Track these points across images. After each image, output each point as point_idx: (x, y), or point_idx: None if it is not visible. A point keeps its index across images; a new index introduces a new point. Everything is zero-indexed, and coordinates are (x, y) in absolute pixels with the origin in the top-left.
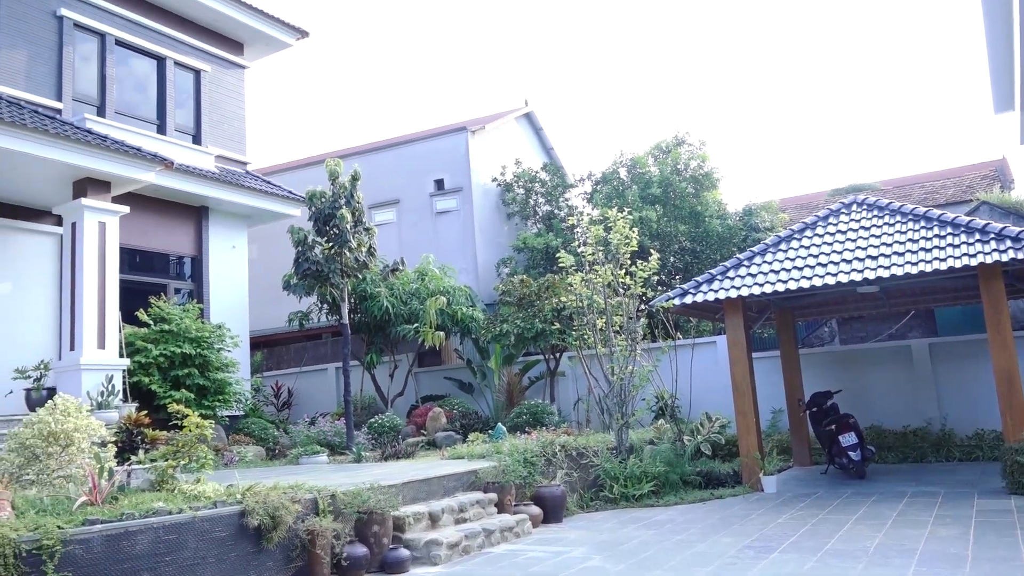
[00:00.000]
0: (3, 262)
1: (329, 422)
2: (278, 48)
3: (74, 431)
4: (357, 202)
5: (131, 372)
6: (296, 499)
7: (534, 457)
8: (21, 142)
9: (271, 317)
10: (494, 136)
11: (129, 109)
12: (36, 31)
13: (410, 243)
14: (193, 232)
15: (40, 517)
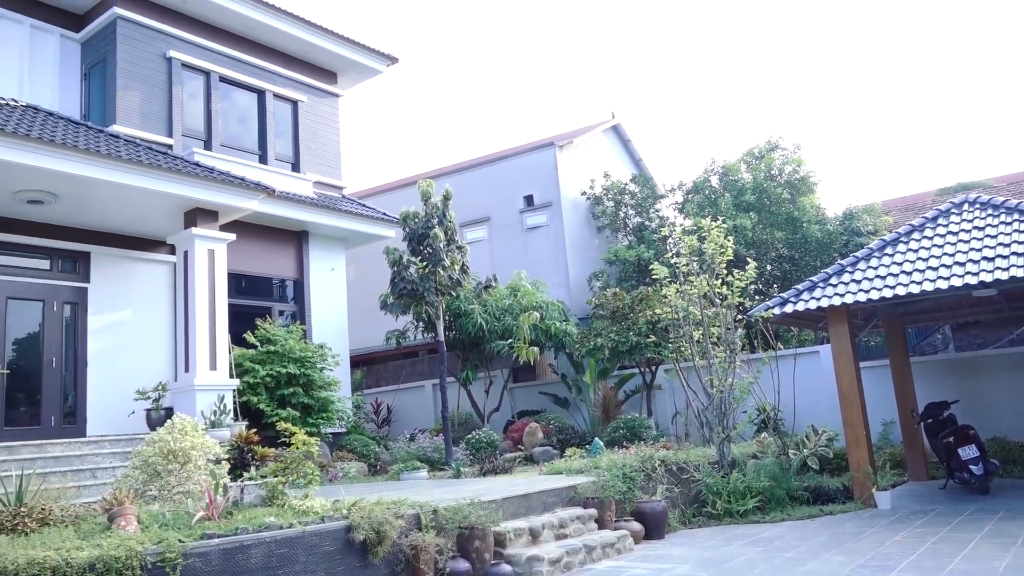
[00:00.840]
0: (124, 290)
1: (428, 438)
2: (369, 75)
3: (191, 449)
4: (449, 221)
5: (240, 392)
6: (399, 514)
7: (633, 472)
8: (139, 177)
9: (369, 336)
10: (582, 150)
11: (233, 141)
12: (149, 74)
13: (501, 260)
14: (294, 256)
15: (163, 531)
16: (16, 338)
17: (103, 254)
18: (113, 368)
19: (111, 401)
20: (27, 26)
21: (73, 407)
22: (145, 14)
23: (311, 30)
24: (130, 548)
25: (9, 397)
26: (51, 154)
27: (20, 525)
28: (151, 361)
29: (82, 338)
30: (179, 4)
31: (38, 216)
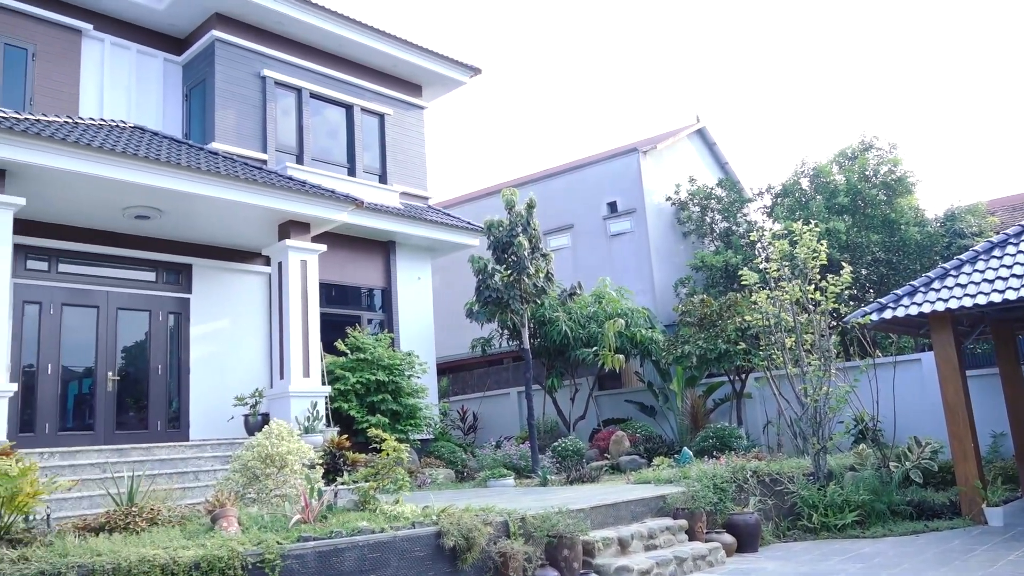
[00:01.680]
0: (223, 300)
1: (514, 445)
2: (453, 87)
3: (287, 454)
4: (533, 229)
5: (332, 398)
6: (488, 521)
7: (724, 483)
8: (236, 192)
9: (455, 344)
10: (666, 155)
11: (323, 155)
12: (245, 92)
13: (585, 267)
14: (382, 265)
15: (262, 533)
16: (125, 346)
17: (204, 266)
18: (213, 375)
19: (211, 406)
20: (134, 51)
21: (177, 412)
22: (241, 36)
23: (397, 45)
24: (232, 549)
25: (119, 402)
26: (156, 172)
27: (132, 524)
28: (248, 368)
29: (185, 346)
30: (272, 25)
31: (145, 231)
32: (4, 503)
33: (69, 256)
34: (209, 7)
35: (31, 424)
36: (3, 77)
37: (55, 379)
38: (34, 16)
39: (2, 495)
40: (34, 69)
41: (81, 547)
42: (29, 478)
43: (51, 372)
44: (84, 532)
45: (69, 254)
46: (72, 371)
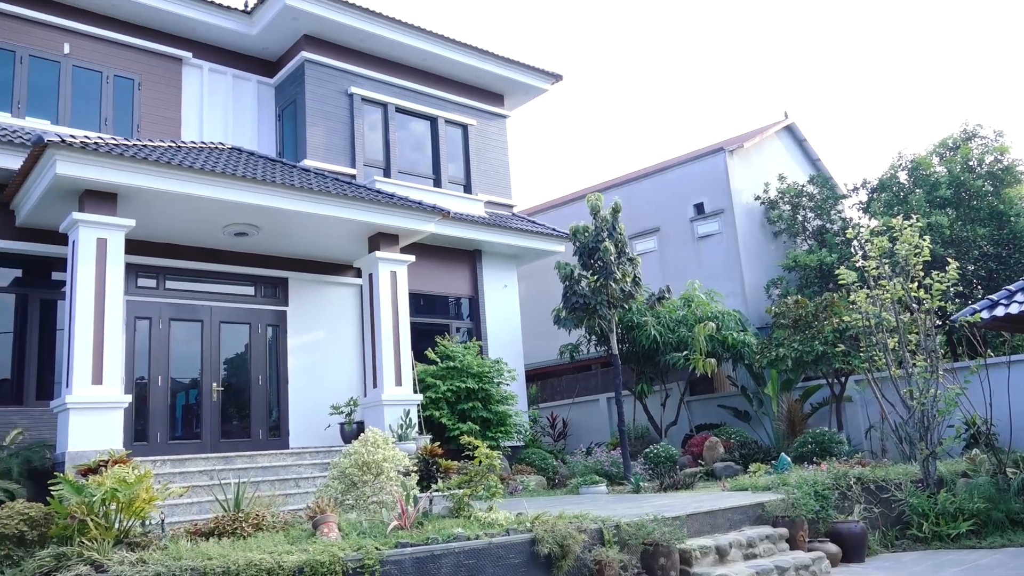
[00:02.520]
0: (317, 312)
1: (605, 452)
2: (535, 94)
3: (383, 461)
4: (619, 234)
5: (423, 406)
6: (582, 528)
7: (826, 490)
8: (328, 207)
9: (542, 350)
10: (753, 153)
11: (409, 167)
12: (333, 110)
13: (673, 270)
14: (469, 274)
15: (361, 539)
16: (227, 358)
17: (299, 279)
18: (309, 384)
19: (308, 415)
20: (230, 76)
21: (277, 421)
22: (329, 55)
23: (479, 56)
24: (333, 554)
25: (224, 412)
26: (254, 190)
27: (239, 529)
28: (342, 377)
29: (283, 357)
30: (358, 43)
31: (243, 247)
32: (123, 508)
33: (175, 273)
34: (298, 29)
35: (144, 433)
36: (113, 107)
37: (165, 390)
38: (139, 48)
39: (121, 501)
40: (140, 98)
41: (193, 551)
42: (145, 485)
43: (161, 384)
44: (195, 536)
45: (175, 271)
46: (180, 383)
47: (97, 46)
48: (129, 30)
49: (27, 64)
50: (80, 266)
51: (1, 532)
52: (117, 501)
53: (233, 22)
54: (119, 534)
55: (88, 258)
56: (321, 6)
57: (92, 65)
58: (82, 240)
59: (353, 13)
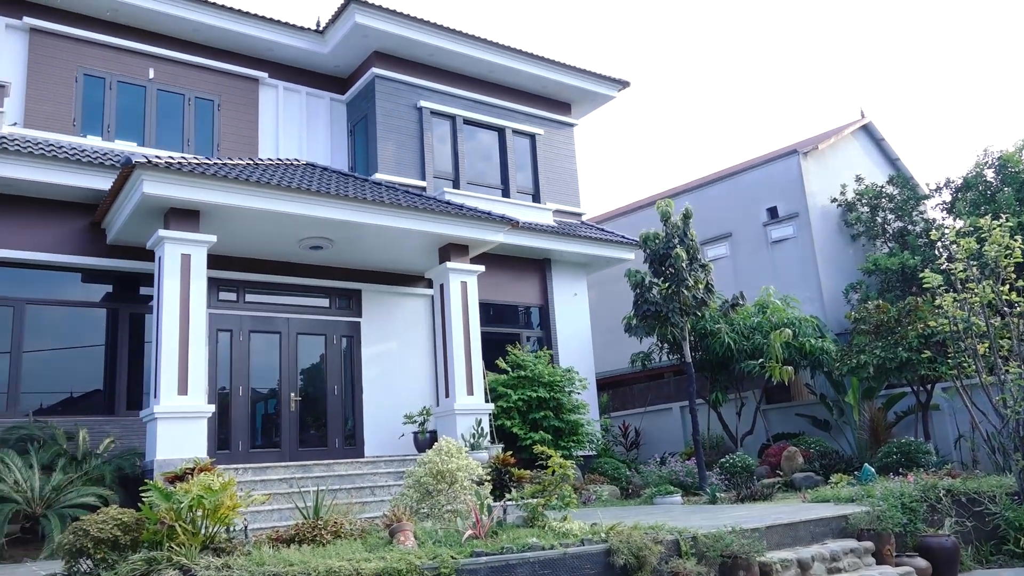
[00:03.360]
0: (390, 323)
1: (679, 462)
2: (602, 102)
3: (457, 470)
4: (691, 240)
5: (495, 416)
6: (658, 540)
7: (914, 502)
8: (400, 219)
9: (613, 359)
10: (829, 154)
11: (477, 178)
12: (403, 124)
13: (746, 276)
14: (538, 283)
15: (436, 547)
16: (304, 369)
17: (372, 291)
18: (383, 394)
19: (382, 424)
20: (303, 94)
21: (352, 430)
22: (398, 71)
23: (546, 66)
24: (410, 562)
25: (301, 421)
26: (328, 205)
27: (318, 536)
28: (414, 387)
29: (357, 367)
30: (426, 57)
31: (318, 260)
32: (208, 515)
33: (254, 287)
34: (369, 45)
35: (226, 442)
36: (195, 127)
37: (246, 400)
38: (218, 70)
39: (207, 508)
40: (219, 118)
41: (275, 557)
42: (229, 492)
43: (242, 394)
44: (277, 543)
45: (254, 285)
46: (259, 393)
47: (179, 70)
48: (209, 53)
49: (116, 90)
50: (166, 281)
51: (97, 536)
52: (203, 508)
53: (306, 42)
54: (205, 539)
55: (173, 273)
56: (390, 22)
57: (175, 88)
58: (167, 256)
59: (421, 28)
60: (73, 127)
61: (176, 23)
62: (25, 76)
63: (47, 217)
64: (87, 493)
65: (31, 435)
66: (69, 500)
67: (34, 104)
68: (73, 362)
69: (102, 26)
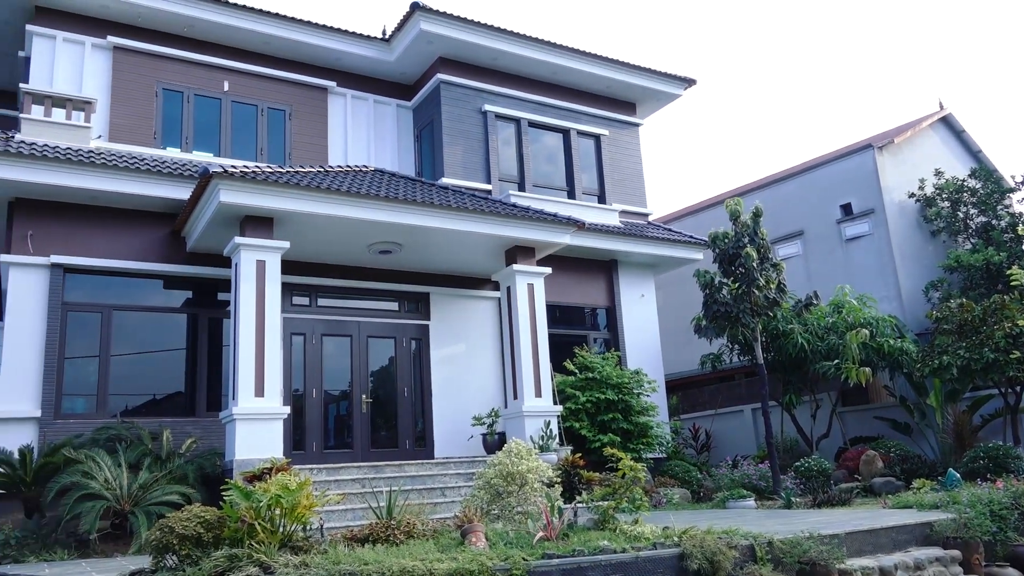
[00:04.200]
0: (458, 325)
1: (752, 465)
2: (668, 101)
3: (527, 472)
4: (761, 239)
5: (563, 417)
6: (732, 544)
7: (1003, 509)
8: (467, 223)
9: (681, 360)
10: (905, 148)
11: (542, 180)
12: (468, 128)
13: (819, 274)
14: (605, 285)
15: (507, 549)
16: (374, 371)
17: (440, 294)
18: (451, 396)
19: (451, 426)
20: (371, 101)
21: (422, 431)
22: (463, 75)
23: (610, 66)
24: (481, 563)
25: (372, 422)
26: (396, 210)
27: (392, 536)
28: (482, 389)
29: (426, 369)
30: (491, 62)
31: (387, 264)
32: (286, 514)
33: (325, 291)
34: (434, 52)
35: (301, 443)
36: (267, 137)
37: (319, 402)
38: (290, 80)
39: (284, 507)
40: (291, 127)
41: (350, 556)
42: (305, 492)
43: (315, 396)
44: (352, 542)
45: (325, 289)
46: (331, 395)
47: (252, 82)
48: (280, 65)
49: (193, 103)
50: (242, 286)
51: (182, 533)
52: (281, 507)
53: (373, 50)
54: (283, 538)
55: (249, 279)
56: (454, 28)
57: (248, 100)
58: (243, 262)
59: (485, 33)
60: (154, 140)
61: (248, 36)
62: (109, 92)
63: (131, 227)
64: (171, 491)
65: (119, 435)
66: (155, 498)
67: (118, 119)
68: (156, 365)
69: (180, 42)
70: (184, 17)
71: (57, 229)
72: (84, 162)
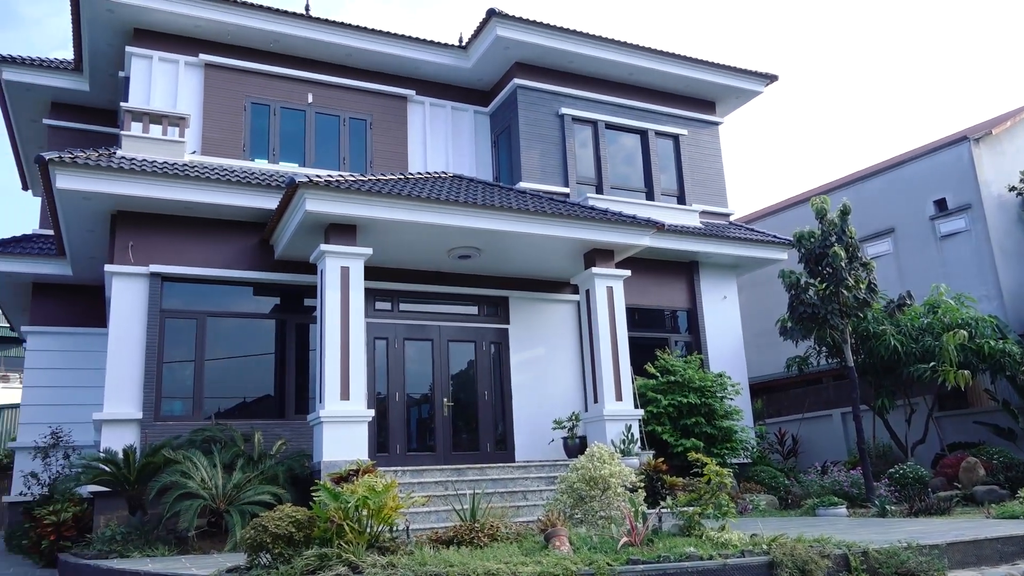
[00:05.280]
0: (536, 329)
1: (842, 471)
2: (748, 97)
3: (610, 476)
4: (850, 237)
5: (644, 421)
6: (824, 553)
7: None
8: (545, 226)
9: (765, 363)
10: (1005, 140)
11: (620, 182)
12: (545, 132)
13: (911, 274)
14: (686, 286)
15: (592, 553)
16: (454, 375)
17: (518, 298)
18: (531, 399)
19: (531, 429)
20: (448, 108)
21: (503, 434)
22: (539, 79)
23: (688, 65)
24: (566, 567)
25: (454, 425)
26: (476, 215)
27: (476, 539)
28: (562, 392)
29: (506, 373)
30: (566, 64)
31: (466, 269)
32: (373, 515)
33: (406, 296)
34: (510, 57)
35: (385, 445)
36: (349, 146)
37: (401, 405)
38: (370, 91)
39: (371, 508)
40: (371, 136)
41: (436, 557)
42: (391, 494)
43: (398, 399)
44: (436, 544)
45: (406, 294)
46: (413, 398)
47: (334, 93)
48: (361, 75)
49: (279, 115)
50: (328, 292)
51: (275, 532)
52: (368, 508)
53: (450, 58)
54: (370, 538)
55: (334, 285)
56: (530, 33)
57: (330, 110)
58: (328, 269)
59: (561, 36)
60: (243, 152)
61: (331, 49)
62: (201, 108)
63: (222, 236)
64: (263, 491)
65: (213, 437)
66: (248, 497)
67: (209, 132)
68: (246, 369)
69: (266, 57)
70: (271, 33)
71: (155, 240)
72: (179, 175)
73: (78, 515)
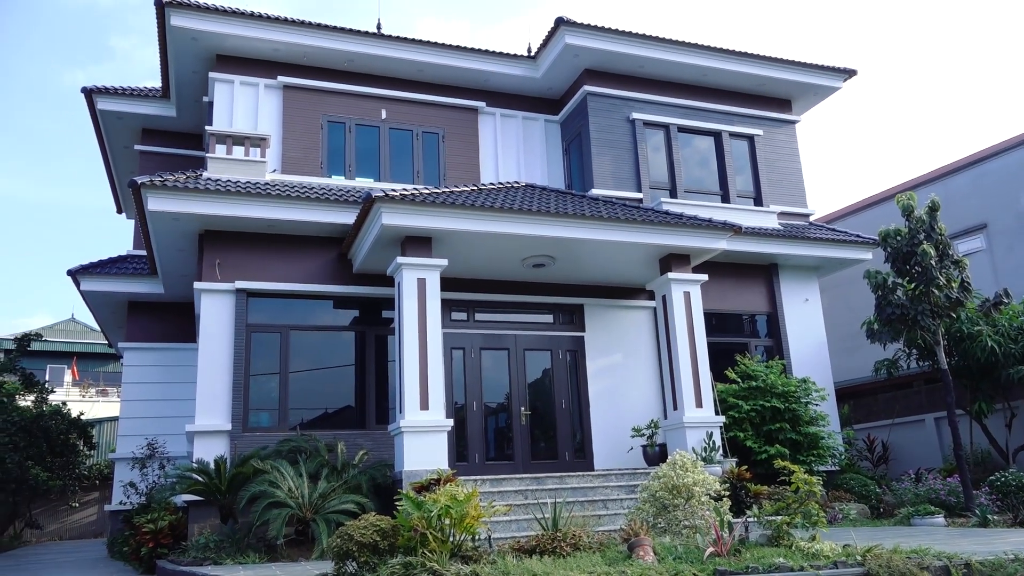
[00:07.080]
0: (612, 336)
1: (938, 479)
2: (826, 94)
3: (693, 485)
4: (939, 234)
5: (726, 428)
6: (923, 565)
7: None
8: (619, 233)
9: (851, 367)
10: None
11: (694, 185)
12: (616, 138)
13: (1007, 271)
14: (765, 290)
15: (677, 564)
16: (531, 383)
17: (593, 305)
18: (609, 407)
19: (609, 437)
20: (519, 118)
21: (581, 443)
22: (609, 85)
23: (762, 63)
24: None
25: (532, 434)
26: (549, 223)
27: (558, 548)
28: (640, 400)
29: (583, 381)
30: (637, 69)
31: (540, 277)
32: (455, 524)
33: (482, 306)
34: (579, 65)
35: (464, 454)
36: (423, 160)
37: (479, 415)
38: (441, 104)
39: (453, 517)
40: (444, 149)
41: (519, 567)
42: (473, 503)
43: (475, 408)
44: (518, 553)
45: (482, 304)
46: (490, 407)
47: (406, 108)
48: (432, 90)
49: (354, 132)
50: (405, 304)
51: (360, 541)
52: (450, 517)
53: (520, 68)
54: (453, 547)
55: (411, 296)
56: (598, 39)
57: (403, 125)
58: (405, 281)
59: (629, 41)
60: (320, 169)
61: (403, 66)
62: (280, 128)
63: (303, 252)
64: (347, 500)
65: (299, 447)
66: (332, 506)
67: (289, 151)
68: (328, 381)
69: (341, 76)
70: (345, 52)
71: (240, 257)
72: (262, 194)
73: (174, 523)
